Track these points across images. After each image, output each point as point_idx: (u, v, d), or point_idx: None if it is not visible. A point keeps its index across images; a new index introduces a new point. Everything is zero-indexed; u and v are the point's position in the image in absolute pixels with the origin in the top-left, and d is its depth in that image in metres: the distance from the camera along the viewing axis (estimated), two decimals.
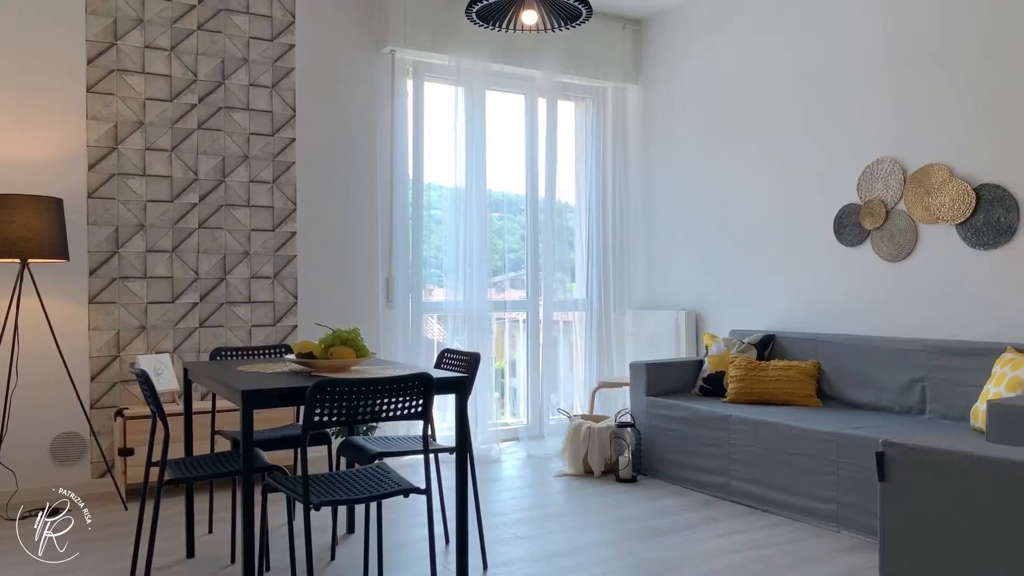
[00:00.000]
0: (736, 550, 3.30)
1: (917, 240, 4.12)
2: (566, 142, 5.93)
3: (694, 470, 4.24)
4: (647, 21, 5.86)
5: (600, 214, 5.90)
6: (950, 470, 2.12)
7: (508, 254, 5.73)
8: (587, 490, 4.29)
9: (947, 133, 3.98)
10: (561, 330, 5.96)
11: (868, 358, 4.16)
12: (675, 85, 5.62)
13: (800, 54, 4.73)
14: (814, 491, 3.62)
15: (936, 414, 3.83)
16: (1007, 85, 3.74)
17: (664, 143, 5.72)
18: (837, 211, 4.52)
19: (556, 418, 5.60)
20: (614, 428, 4.57)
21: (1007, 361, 3.40)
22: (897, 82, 4.21)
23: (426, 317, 5.44)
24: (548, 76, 5.53)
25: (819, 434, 3.61)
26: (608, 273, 5.90)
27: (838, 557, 3.20)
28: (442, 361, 3.39)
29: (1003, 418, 2.93)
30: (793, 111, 4.78)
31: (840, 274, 4.52)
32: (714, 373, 4.61)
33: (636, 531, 3.57)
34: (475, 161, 5.24)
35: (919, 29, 4.11)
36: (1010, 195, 3.73)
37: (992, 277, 3.81)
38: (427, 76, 5.24)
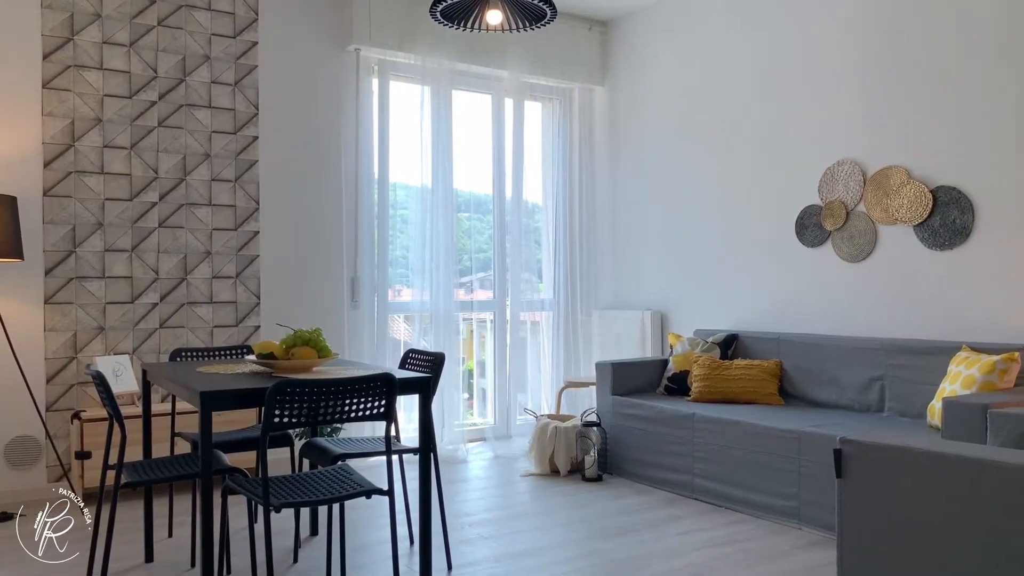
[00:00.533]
0: (698, 548, 3.33)
1: (876, 241, 4.20)
2: (533, 142, 5.93)
3: (659, 468, 4.27)
4: (613, 23, 5.89)
5: (567, 215, 5.91)
6: (906, 466, 2.15)
7: (477, 254, 5.72)
8: (553, 489, 4.29)
9: (905, 136, 4.06)
10: (529, 330, 5.97)
11: (829, 357, 4.22)
12: (641, 86, 5.66)
13: (764, 57, 4.79)
14: (776, 488, 3.66)
15: (895, 412, 3.90)
16: (963, 90, 3.82)
17: (630, 144, 5.75)
18: (799, 212, 4.58)
19: (523, 418, 5.60)
20: (580, 428, 4.58)
21: (962, 360, 3.47)
22: (858, 86, 4.27)
23: (393, 317, 5.41)
24: (515, 76, 5.53)
25: (780, 432, 3.65)
26: (575, 273, 5.92)
27: (799, 553, 3.24)
28: (407, 361, 3.37)
29: (957, 415, 2.99)
30: (757, 113, 4.83)
31: (802, 274, 4.58)
32: (679, 372, 4.65)
33: (601, 530, 3.58)
34: (441, 161, 5.22)
35: (880, 35, 4.18)
36: (965, 197, 3.81)
37: (948, 277, 3.89)
38: (393, 75, 5.21)
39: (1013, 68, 3.64)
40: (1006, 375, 3.29)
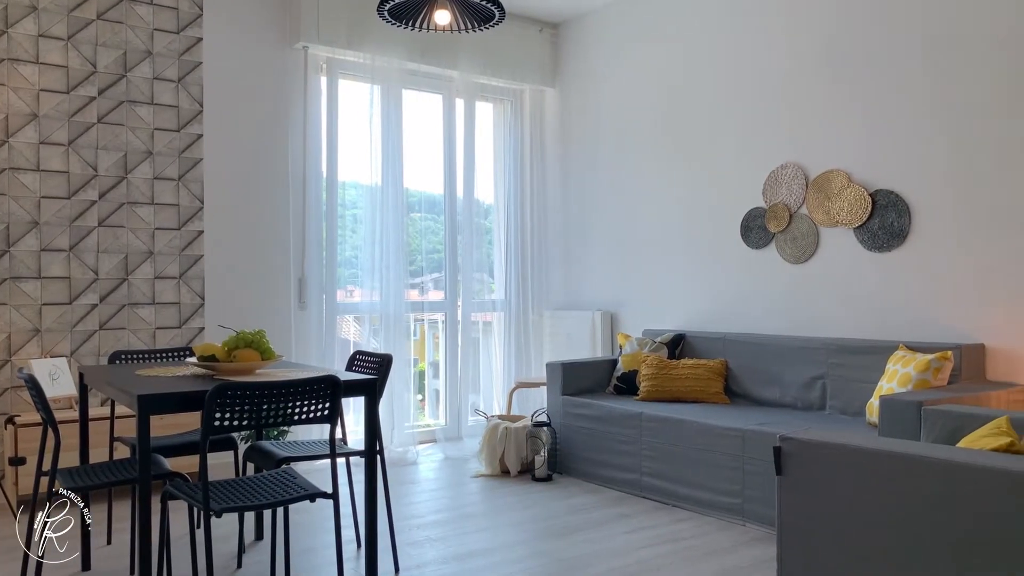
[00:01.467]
0: (645, 546, 3.36)
1: (818, 243, 4.29)
2: (485, 143, 5.93)
3: (608, 467, 4.31)
4: (564, 25, 5.92)
5: (519, 215, 5.93)
6: (842, 463, 2.20)
7: (431, 255, 5.70)
8: (503, 490, 4.30)
9: (846, 141, 4.16)
10: (481, 330, 5.96)
11: (772, 356, 4.30)
12: (591, 89, 5.70)
13: (710, 62, 4.86)
14: (721, 486, 3.72)
15: (835, 409, 4.00)
16: (900, 98, 3.93)
17: (581, 146, 5.79)
18: (744, 214, 4.66)
19: (475, 419, 5.59)
20: (530, 428, 4.59)
21: (898, 358, 3.57)
22: (800, 91, 4.37)
23: (342, 318, 5.36)
24: (466, 77, 5.52)
25: (725, 430, 3.71)
26: (527, 274, 5.93)
27: (742, 549, 3.30)
28: (354, 363, 3.34)
29: (893, 412, 3.07)
30: (703, 117, 4.90)
31: (747, 275, 4.66)
32: (627, 372, 4.69)
33: (549, 529, 3.60)
34: (392, 160, 5.19)
35: (821, 42, 4.27)
36: (903, 200, 3.92)
37: (886, 278, 4.00)
38: (341, 73, 5.16)
39: (947, 77, 3.75)
40: (940, 373, 3.40)
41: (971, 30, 3.67)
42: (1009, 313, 3.55)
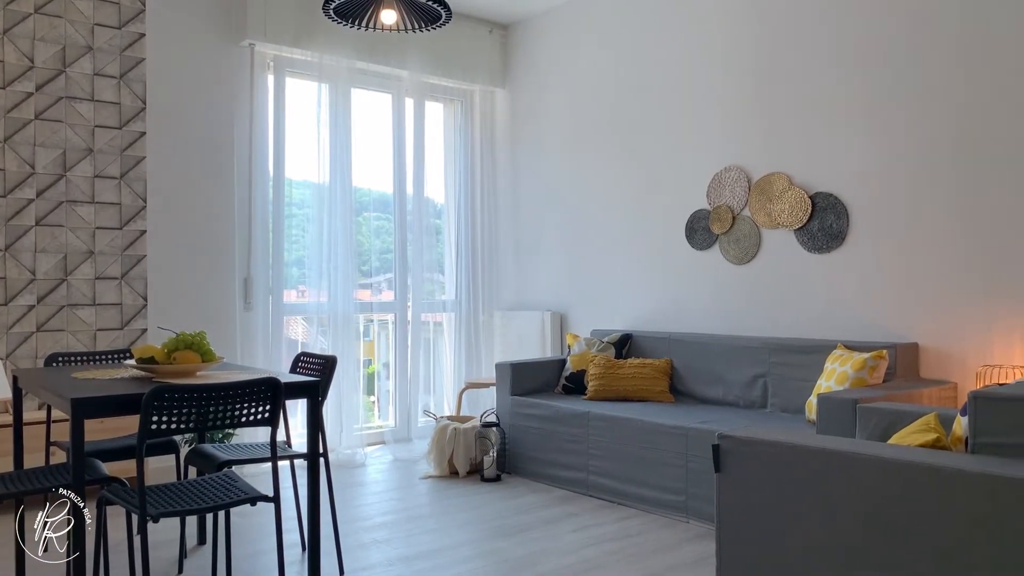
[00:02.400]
0: (590, 544, 3.40)
1: (760, 244, 4.39)
2: (435, 143, 5.93)
3: (556, 467, 4.34)
4: (513, 26, 5.95)
5: (469, 216, 5.93)
6: (778, 460, 2.26)
7: (384, 255, 5.67)
8: (451, 491, 4.30)
9: (787, 144, 4.26)
10: (432, 331, 5.95)
11: (716, 355, 4.39)
12: (541, 90, 5.73)
13: (656, 65, 4.93)
14: (665, 483, 3.78)
15: (776, 407, 4.09)
16: (840, 103, 4.04)
17: (531, 147, 5.82)
18: (689, 216, 4.74)
19: (425, 420, 5.58)
20: (479, 428, 4.60)
21: (836, 357, 3.67)
22: (743, 95, 4.46)
23: (290, 319, 5.30)
24: (415, 76, 5.51)
25: (669, 428, 3.77)
26: (477, 274, 5.94)
27: (686, 546, 3.36)
28: (298, 365, 3.31)
29: (830, 410, 3.16)
30: (650, 120, 4.97)
31: (692, 276, 4.74)
32: (576, 372, 4.73)
33: (496, 529, 3.61)
34: (340, 159, 5.15)
35: (763, 48, 4.37)
36: (841, 203, 4.03)
37: (825, 279, 4.11)
38: (289, 71, 5.10)
39: (883, 84, 3.87)
40: (875, 371, 3.50)
41: (907, 38, 3.79)
42: (941, 313, 3.68)
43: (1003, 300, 3.48)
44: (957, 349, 3.62)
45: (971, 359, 3.56)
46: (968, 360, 3.57)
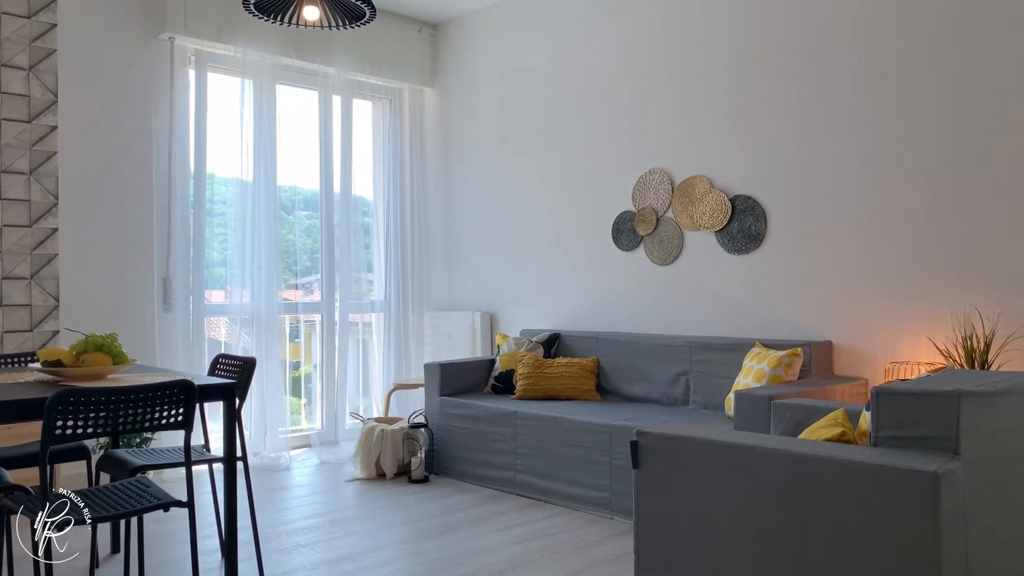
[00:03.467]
0: (516, 542, 3.42)
1: (683, 245, 4.48)
2: (363, 141, 5.86)
3: (483, 466, 4.35)
4: (443, 26, 5.93)
5: (399, 215, 5.89)
6: (693, 455, 2.31)
7: (316, 254, 5.58)
8: (378, 493, 4.26)
9: (708, 148, 4.36)
10: (360, 332, 5.88)
11: (641, 354, 4.46)
12: (470, 91, 5.74)
13: (582, 68, 4.99)
14: (590, 480, 3.82)
15: (698, 404, 4.19)
16: (758, 109, 4.16)
17: (461, 146, 5.81)
18: (615, 218, 4.81)
19: (352, 422, 5.51)
20: (407, 430, 4.58)
21: (754, 355, 3.77)
22: (668, 98, 4.55)
23: (212, 320, 5.17)
24: (342, 74, 5.44)
25: (594, 426, 3.82)
26: (407, 274, 5.91)
27: (609, 542, 3.40)
28: (216, 367, 3.23)
29: (746, 406, 3.25)
30: (576, 122, 5.03)
31: (618, 276, 4.81)
32: (505, 371, 4.75)
33: (422, 530, 3.59)
34: (265, 157, 5.05)
35: (686, 54, 4.46)
36: (760, 206, 4.15)
37: (744, 279, 4.22)
38: (211, 67, 4.97)
39: (797, 90, 4.00)
40: (790, 369, 3.62)
41: (818, 47, 3.92)
42: (853, 312, 3.82)
43: (909, 300, 3.63)
44: (868, 347, 3.77)
45: (880, 356, 3.71)
46: (878, 357, 3.73)
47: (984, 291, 3.41)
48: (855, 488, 1.96)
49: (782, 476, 2.09)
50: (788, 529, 2.08)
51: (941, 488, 1.85)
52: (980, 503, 2.04)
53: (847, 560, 1.97)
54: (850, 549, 1.96)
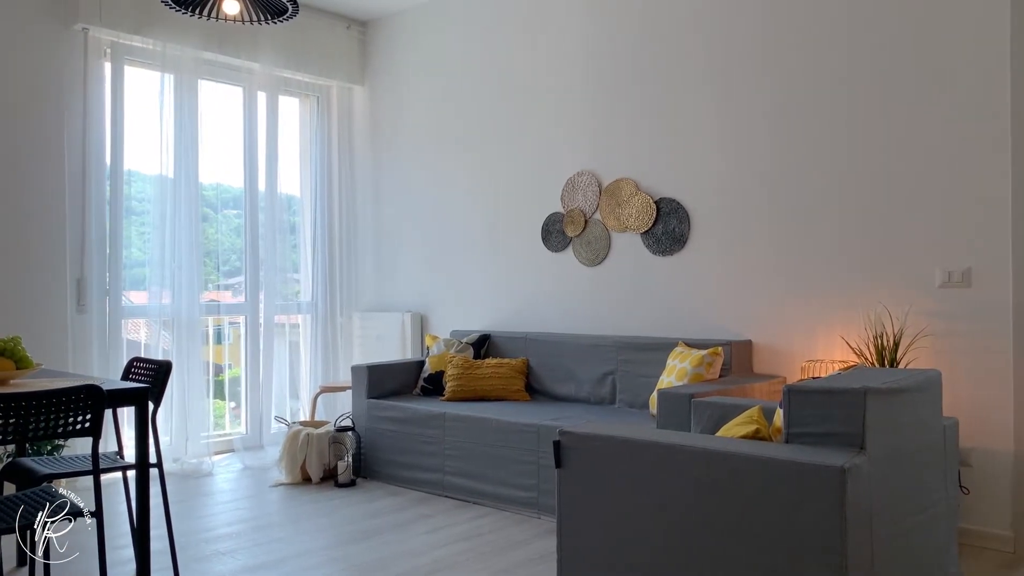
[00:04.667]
0: (442, 544, 3.40)
1: (610, 247, 4.54)
2: (290, 139, 5.76)
3: (412, 469, 4.31)
4: (373, 23, 5.87)
5: (327, 215, 5.80)
6: (614, 454, 2.34)
7: (235, 253, 5.44)
8: (302, 498, 4.18)
9: (634, 151, 4.42)
10: (287, 333, 5.77)
11: (569, 354, 4.50)
12: (400, 90, 5.69)
13: (514, 69, 5.01)
14: (518, 481, 3.83)
15: (624, 403, 4.24)
16: (682, 114, 4.24)
17: (391, 145, 5.76)
18: (544, 219, 4.83)
19: (277, 427, 5.40)
20: (333, 433, 4.51)
21: (677, 354, 3.85)
22: (593, 101, 4.60)
23: (132, 322, 4.99)
24: (267, 70, 5.32)
25: (522, 426, 3.84)
26: (335, 275, 5.82)
27: (536, 541, 3.42)
28: (130, 371, 3.12)
29: (668, 404, 3.31)
30: (506, 122, 5.04)
31: (547, 277, 4.84)
32: (434, 373, 4.72)
33: (348, 535, 3.55)
34: (186, 154, 4.90)
35: (612, 58, 4.52)
36: (684, 208, 4.23)
37: (669, 280, 4.30)
38: (128, 60, 4.80)
39: (718, 96, 4.09)
40: (711, 367, 3.70)
41: (743, 57, 4.02)
42: (772, 312, 3.93)
43: (824, 301, 3.76)
44: (786, 346, 3.88)
45: (798, 355, 3.83)
46: (795, 356, 3.84)
47: (893, 291, 3.55)
48: (767, 483, 2.01)
49: (698, 473, 2.14)
50: (704, 525, 2.12)
51: (847, 482, 1.92)
52: (884, 496, 2.12)
53: (760, 553, 2.02)
54: (763, 543, 2.02)
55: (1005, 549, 3.25)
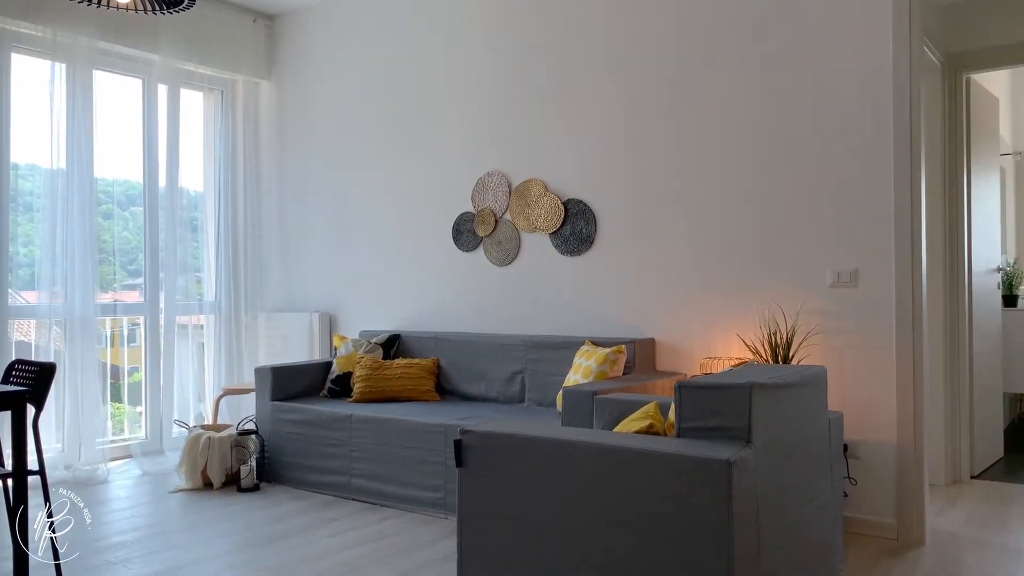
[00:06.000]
0: (346, 548, 3.35)
1: (520, 246, 4.57)
2: (194, 133, 5.57)
3: (318, 472, 4.24)
4: (280, 17, 5.74)
5: (231, 212, 5.64)
6: (513, 452, 2.35)
7: (134, 251, 5.23)
8: (203, 504, 4.06)
9: (542, 152, 4.47)
10: (191, 335, 5.58)
11: (479, 353, 4.51)
12: (308, 85, 5.58)
13: (424, 66, 4.98)
14: (426, 482, 3.82)
15: (533, 402, 4.28)
16: (588, 117, 4.31)
17: (298, 142, 5.65)
18: (455, 218, 4.83)
19: (179, 431, 5.22)
20: (236, 437, 4.39)
21: (583, 353, 3.90)
22: (504, 102, 4.62)
23: (19, 323, 4.74)
24: (168, 62, 5.14)
25: (430, 427, 3.82)
26: (240, 274, 5.67)
27: (441, 541, 3.41)
28: (11, 374, 2.96)
29: (572, 402, 3.35)
30: (418, 121, 5.01)
31: (458, 277, 4.84)
32: (342, 374, 4.65)
33: (250, 540, 3.46)
34: (79, 148, 4.68)
35: (518, 59, 4.55)
36: (590, 209, 4.30)
37: (576, 280, 4.36)
38: (16, 47, 4.56)
39: (623, 99, 4.18)
40: (615, 365, 3.77)
41: (646, 59, 4.12)
42: (674, 310, 4.03)
43: (723, 300, 3.88)
44: (687, 343, 3.99)
45: (697, 352, 3.94)
46: (695, 353, 3.95)
47: (786, 291, 3.70)
48: (657, 477, 2.06)
49: (593, 468, 2.18)
50: (599, 520, 2.16)
51: (733, 474, 1.99)
52: (771, 487, 2.21)
53: (652, 545, 2.07)
54: (654, 535, 2.06)
55: (889, 536, 3.43)
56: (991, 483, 4.31)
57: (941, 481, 4.24)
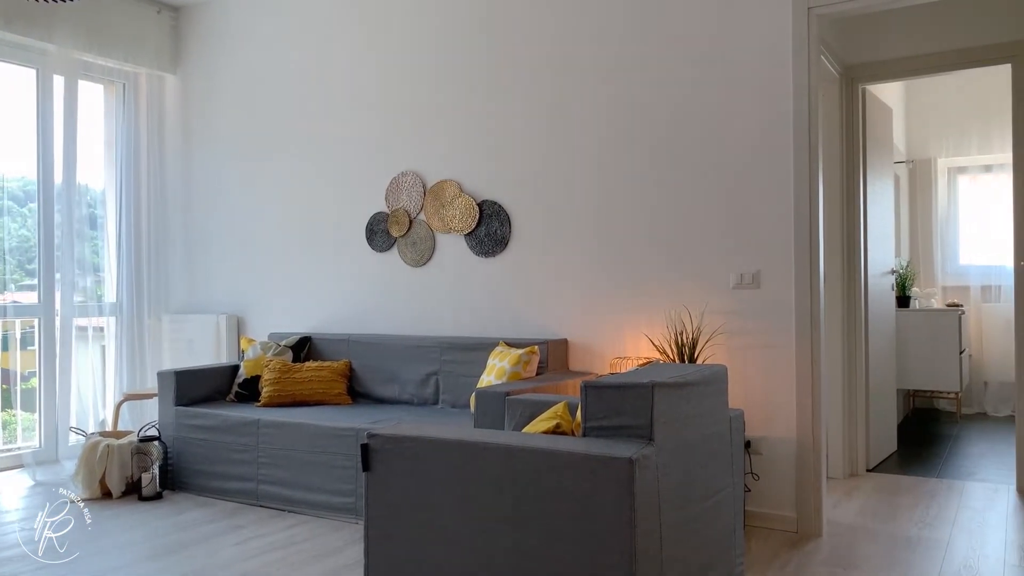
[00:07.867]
0: (254, 555, 3.26)
1: (435, 247, 4.54)
2: (93, 127, 5.33)
3: (224, 479, 4.11)
4: (185, 9, 5.55)
5: (135, 210, 5.42)
6: (421, 455, 2.33)
7: (27, 250, 4.96)
8: (102, 514, 3.88)
9: (456, 153, 4.46)
10: (91, 337, 5.33)
11: (393, 355, 4.46)
12: (215, 80, 5.42)
13: (336, 64, 4.90)
14: (336, 486, 3.75)
15: (447, 403, 4.26)
16: (503, 118, 4.32)
17: (205, 138, 5.47)
18: (369, 219, 4.77)
19: (76, 438, 4.98)
20: (137, 444, 4.22)
21: (497, 354, 3.91)
22: (418, 101, 4.59)
23: None
24: (65, 52, 4.90)
25: (340, 431, 3.76)
26: (143, 274, 5.45)
27: (352, 547, 3.36)
28: None
29: (484, 403, 3.35)
30: (330, 118, 4.92)
31: (372, 278, 4.78)
32: (249, 378, 4.53)
33: (151, 550, 3.32)
34: None
35: (433, 59, 4.53)
36: (505, 211, 4.31)
37: (491, 281, 4.36)
38: None
39: (536, 102, 4.21)
40: (528, 365, 3.79)
41: (565, 61, 4.15)
42: (585, 311, 4.08)
43: (632, 300, 3.95)
44: (598, 343, 4.05)
45: (608, 352, 4.00)
46: (606, 353, 4.01)
47: (692, 292, 3.80)
48: (562, 476, 2.08)
49: (499, 469, 2.18)
50: (505, 521, 2.16)
51: (636, 472, 2.02)
52: (673, 485, 2.25)
53: (557, 544, 2.09)
54: (559, 534, 2.08)
55: (789, 529, 3.55)
56: (886, 475, 4.53)
57: (839, 474, 4.43)
